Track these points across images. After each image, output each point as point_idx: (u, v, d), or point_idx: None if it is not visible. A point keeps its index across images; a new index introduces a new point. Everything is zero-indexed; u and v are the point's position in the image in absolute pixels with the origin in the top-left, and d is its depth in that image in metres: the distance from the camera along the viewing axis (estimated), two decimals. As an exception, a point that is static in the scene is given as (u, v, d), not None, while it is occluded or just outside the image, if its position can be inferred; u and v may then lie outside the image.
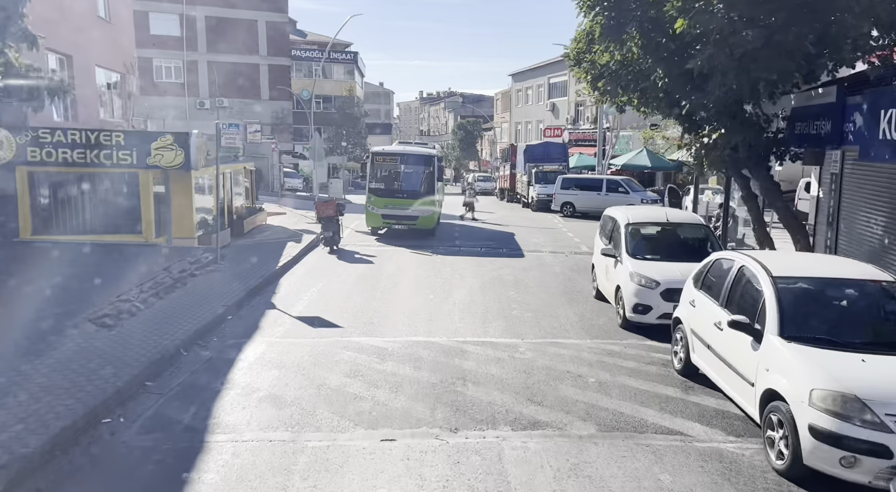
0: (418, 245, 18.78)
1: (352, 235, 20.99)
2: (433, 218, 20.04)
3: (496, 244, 19.56)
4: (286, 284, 13.16)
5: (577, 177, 30.22)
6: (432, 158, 20.08)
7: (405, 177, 20.20)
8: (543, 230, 23.54)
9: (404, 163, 20.10)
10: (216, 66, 41.07)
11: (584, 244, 19.70)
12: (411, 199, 19.79)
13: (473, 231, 23.15)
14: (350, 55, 69.94)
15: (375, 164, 20.03)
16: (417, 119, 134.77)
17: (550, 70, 50.09)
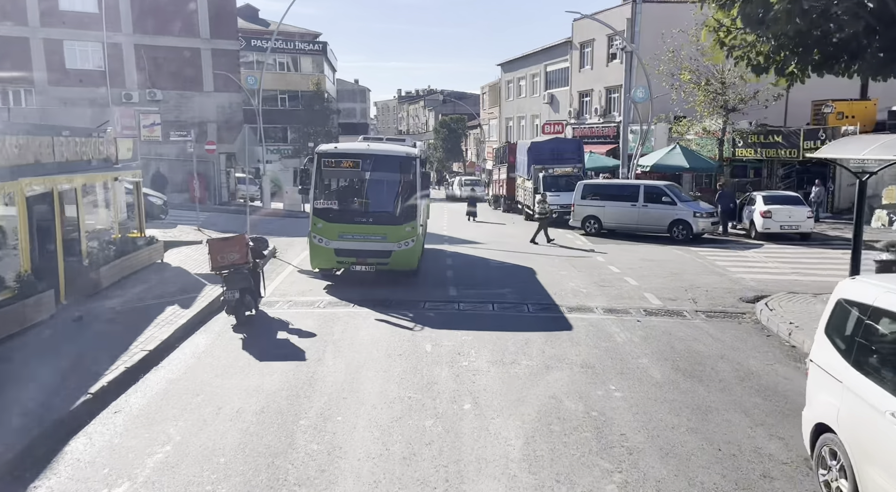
0: (392, 301, 11.68)
1: (292, 279, 13.76)
2: (414, 253, 12.94)
3: (515, 293, 12.52)
4: (66, 464, 5.88)
5: (602, 183, 23.32)
6: (411, 161, 12.98)
7: (371, 190, 13.09)
8: (571, 260, 16.53)
9: (370, 168, 12.97)
10: (146, 51, 33.53)
11: (646, 289, 12.74)
12: (381, 224, 12.72)
13: (474, 264, 16.07)
14: (318, 46, 62.76)
15: (324, 171, 12.87)
16: (396, 118, 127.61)
17: (547, 56, 43.31)
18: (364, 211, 12.88)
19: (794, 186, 26.63)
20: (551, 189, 25.41)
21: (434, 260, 16.40)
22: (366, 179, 13.15)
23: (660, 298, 12.08)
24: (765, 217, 19.52)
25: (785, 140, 24.31)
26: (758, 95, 24.91)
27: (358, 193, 13.22)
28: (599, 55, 36.68)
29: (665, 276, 14.39)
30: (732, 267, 15.42)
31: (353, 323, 10.12)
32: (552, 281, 13.72)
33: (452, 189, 48.84)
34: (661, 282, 13.66)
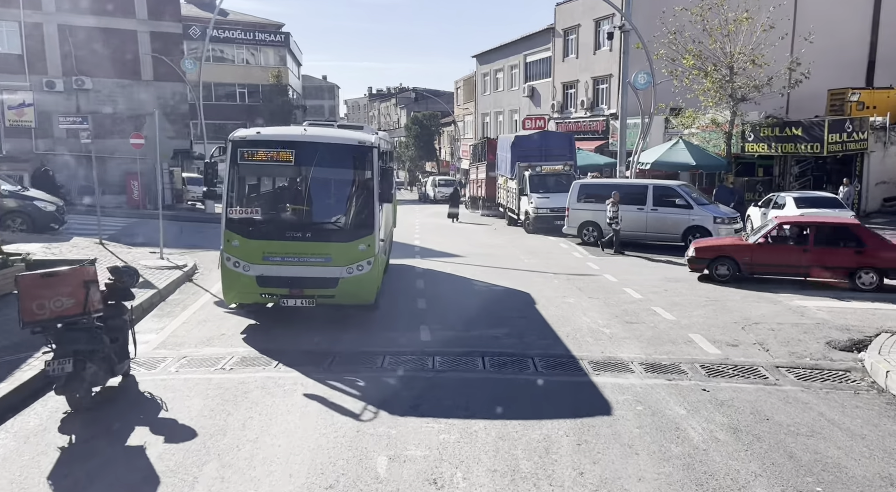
0: (336, 355, 8.02)
1: (202, 316, 9.96)
2: (371, 280, 9.25)
3: (512, 337, 8.93)
4: None
5: (603, 183, 19.89)
6: (367, 153, 9.24)
7: (310, 193, 9.36)
8: (575, 281, 13.04)
9: (309, 162, 9.22)
10: (72, 33, 29.19)
11: (688, 326, 9.29)
12: (324, 241, 9.05)
13: (454, 288, 12.45)
14: (281, 37, 58.62)
15: (242, 166, 9.08)
16: (367, 117, 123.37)
17: (527, 45, 39.93)
18: (300, 222, 9.16)
19: (811, 186, 23.64)
20: (539, 190, 22.04)
21: (401, 282, 12.75)
22: (303, 178, 9.42)
23: (714, 343, 8.63)
24: (799, 223, 16.27)
25: (806, 133, 21.26)
26: (772, 82, 21.85)
27: (291, 198, 9.49)
28: (585, 42, 33.41)
29: (702, 303, 10.98)
30: (782, 289, 12.08)
31: (267, 405, 6.42)
32: (559, 314, 10.17)
33: (425, 190, 45.26)
34: (702, 314, 10.24)
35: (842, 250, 12.06)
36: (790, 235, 12.75)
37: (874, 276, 11.91)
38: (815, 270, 12.17)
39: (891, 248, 12.00)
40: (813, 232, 12.33)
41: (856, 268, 11.97)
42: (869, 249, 11.94)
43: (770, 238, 12.73)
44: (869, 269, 11.92)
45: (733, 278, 12.69)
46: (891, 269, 11.87)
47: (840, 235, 12.34)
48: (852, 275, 12.01)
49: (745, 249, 12.76)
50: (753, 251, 12.61)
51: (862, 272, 11.96)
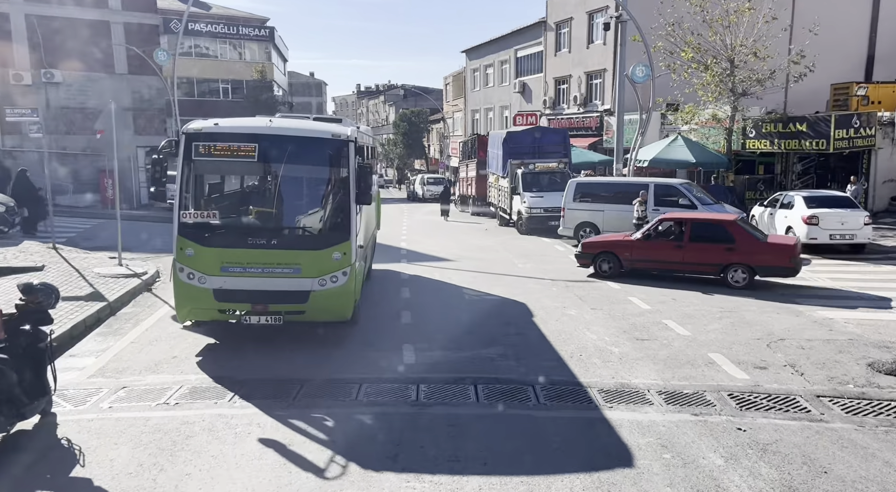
0: (303, 385, 6.86)
1: (155, 333, 8.74)
2: (346, 294, 8.06)
3: (509, 358, 7.81)
4: None
5: (601, 181, 18.78)
6: (342, 147, 8.03)
7: (276, 194, 8.18)
8: (575, 289, 11.93)
9: (274, 158, 8.04)
10: (40, 23, 27.70)
11: (706, 344, 8.21)
12: (292, 248, 7.86)
13: (442, 298, 11.30)
14: (265, 32, 57.14)
15: (197, 162, 7.87)
16: (355, 114, 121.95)
17: (518, 40, 38.78)
18: (264, 228, 7.97)
19: (814, 184, 22.70)
20: (532, 189, 20.93)
21: (385, 291, 11.58)
22: (268, 176, 8.24)
23: (738, 364, 7.54)
24: (809, 224, 15.29)
25: (811, 129, 20.28)
26: (775, 76, 20.89)
27: (254, 199, 8.32)
28: (578, 36, 32.32)
29: (717, 315, 9.91)
30: (801, 299, 11.04)
31: (212, 455, 5.24)
32: (561, 330, 9.04)
33: (414, 188, 44.05)
34: (719, 328, 9.15)
35: (714, 247, 12.09)
36: (668, 231, 12.78)
37: (744, 273, 11.91)
38: (690, 266, 12.36)
39: (759, 246, 12.00)
40: (688, 229, 12.41)
41: (726, 264, 12.00)
42: (739, 247, 11.92)
43: (650, 235, 12.82)
44: (739, 266, 11.94)
45: (618, 274, 12.81)
46: (759, 266, 11.86)
47: (713, 232, 12.35)
48: (724, 271, 12.02)
49: (626, 246, 12.95)
50: (634, 247, 12.84)
51: (732, 269, 11.99)
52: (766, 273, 11.92)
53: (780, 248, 11.99)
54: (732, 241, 11.99)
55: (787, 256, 11.73)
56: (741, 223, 12.46)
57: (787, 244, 12.06)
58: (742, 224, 12.48)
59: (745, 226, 12.53)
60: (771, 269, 11.88)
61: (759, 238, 12.27)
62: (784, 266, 11.75)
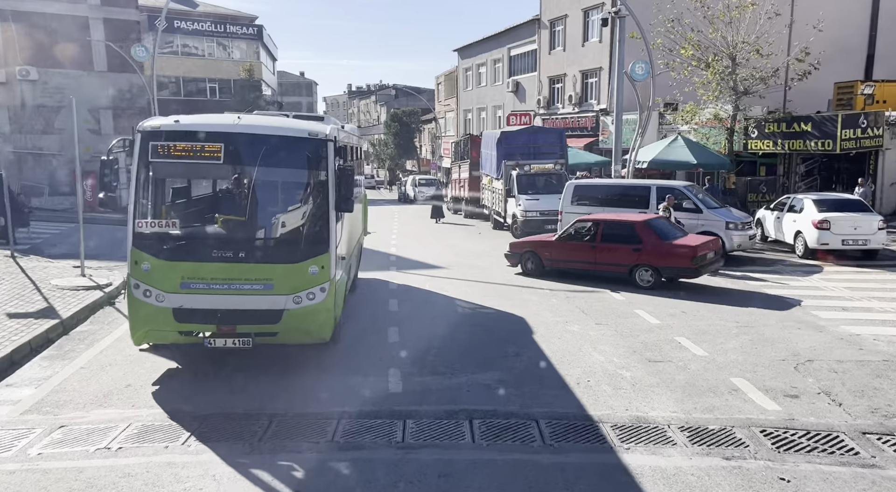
0: (274, 420, 5.95)
1: (110, 356, 7.79)
2: (325, 312, 7.14)
3: (508, 386, 6.92)
4: None
5: (600, 183, 17.92)
6: (319, 147, 7.09)
7: (244, 200, 7.25)
8: (577, 300, 11.06)
9: (241, 160, 7.15)
10: (15, 18, 26.60)
11: (727, 367, 7.36)
12: (262, 262, 6.96)
13: (433, 313, 10.38)
14: (253, 30, 56.08)
15: (155, 165, 6.94)
16: (346, 115, 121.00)
17: (511, 38, 37.96)
18: (230, 238, 7.04)
19: (817, 186, 22.01)
20: (527, 191, 20.08)
21: (370, 303, 10.68)
22: (235, 180, 7.33)
23: (767, 392, 6.69)
24: (820, 228, 14.51)
25: (816, 129, 19.55)
26: (779, 73, 20.16)
27: (219, 206, 7.40)
28: (573, 33, 31.52)
29: (734, 331, 9.07)
30: (822, 311, 10.22)
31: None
32: (564, 349, 8.17)
33: (405, 189, 43.13)
34: (738, 346, 8.31)
35: (623, 248, 12.23)
36: (584, 232, 12.99)
37: (650, 273, 11.93)
38: (602, 266, 12.49)
39: (663, 247, 11.93)
40: (601, 230, 12.62)
41: (633, 265, 12.08)
42: (645, 248, 11.98)
43: (568, 235, 13.14)
44: (645, 266, 12.01)
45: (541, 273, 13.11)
46: (662, 267, 11.85)
47: (623, 233, 12.45)
48: (632, 272, 12.09)
49: (546, 246, 13.35)
50: (553, 247, 13.20)
51: (638, 270, 12.06)
52: (668, 274, 11.86)
53: (682, 249, 11.79)
54: (640, 242, 12.03)
55: (688, 259, 11.60)
56: (651, 224, 12.41)
57: (689, 245, 11.83)
58: (651, 225, 12.39)
59: (655, 227, 12.36)
60: (673, 270, 11.81)
61: (665, 239, 12.04)
62: (685, 268, 11.67)
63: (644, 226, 12.29)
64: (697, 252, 11.61)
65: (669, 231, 12.51)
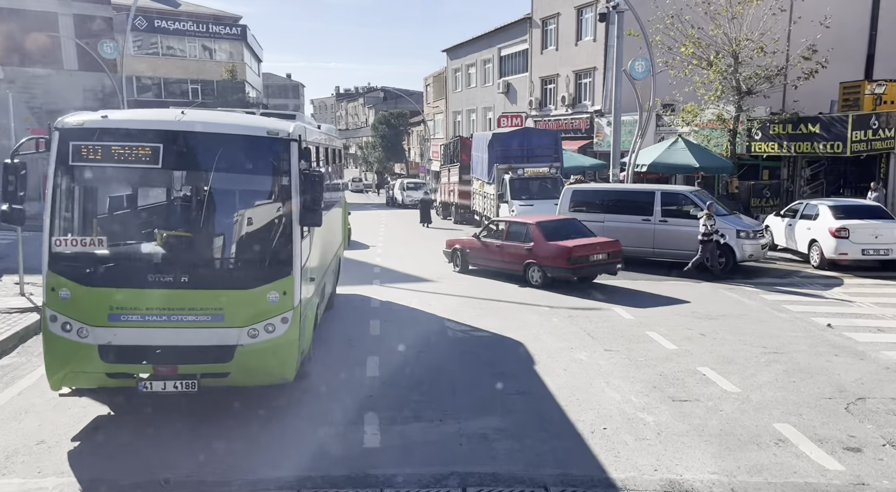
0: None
1: (28, 400, 6.50)
2: (288, 346, 5.94)
3: (509, 436, 5.73)
4: None
5: (600, 188, 16.78)
6: (280, 149, 5.87)
7: (190, 211, 6.03)
8: (580, 319, 9.89)
9: (185, 164, 5.94)
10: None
11: (764, 407, 6.21)
12: (209, 287, 5.73)
13: (420, 336, 9.14)
14: (237, 30, 54.75)
15: (78, 169, 5.72)
16: (334, 117, 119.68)
17: (502, 37, 36.89)
18: (171, 259, 5.79)
19: (823, 191, 21.04)
20: (521, 196, 19.00)
21: (348, 325, 9.45)
22: (177, 189, 6.07)
23: (821, 444, 5.54)
24: (838, 237, 13.47)
25: (825, 130, 18.56)
26: (784, 72, 19.19)
27: (157, 219, 6.15)
28: (566, 32, 30.49)
29: (763, 358, 7.93)
30: (856, 333, 9.12)
31: None
32: (573, 384, 6.99)
33: (393, 193, 41.90)
34: (773, 379, 7.17)
35: (519, 247, 12.72)
36: (496, 232, 13.66)
37: (539, 273, 12.33)
38: (506, 265, 13.07)
39: (548, 248, 12.24)
40: (505, 230, 13.32)
41: (526, 264, 12.54)
42: (534, 248, 12.39)
43: (484, 234, 13.93)
44: (535, 266, 12.41)
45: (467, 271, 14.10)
46: (548, 267, 12.20)
47: (521, 232, 12.88)
48: (525, 270, 12.59)
49: (468, 244, 14.13)
50: (473, 247, 13.92)
51: (530, 268, 12.50)
52: (552, 273, 12.18)
53: (559, 249, 12.09)
54: (531, 241, 12.47)
55: (564, 259, 11.97)
56: (541, 225, 12.79)
57: (566, 246, 12.10)
58: (541, 225, 12.71)
59: (545, 227, 12.69)
60: (554, 269, 12.15)
61: (550, 240, 12.32)
62: (563, 267, 12.02)
63: (535, 226, 12.68)
64: (573, 253, 11.94)
65: (564, 232, 12.74)
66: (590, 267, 12.26)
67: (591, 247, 12.24)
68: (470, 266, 13.96)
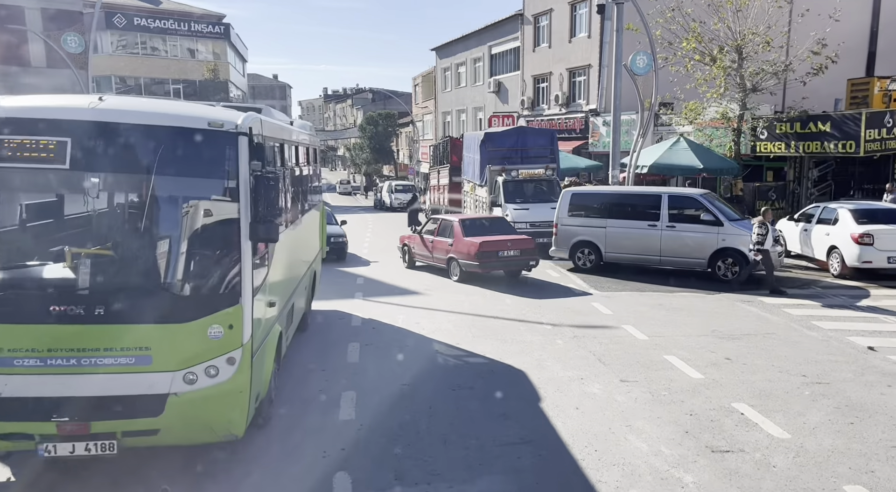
0: None
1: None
2: (235, 394, 4.73)
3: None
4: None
5: (602, 191, 15.55)
6: (224, 145, 4.70)
7: (105, 222, 4.80)
8: (587, 340, 8.70)
9: (100, 164, 4.68)
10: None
11: (818, 458, 5.03)
12: (129, 322, 4.45)
13: (406, 362, 7.92)
14: (220, 28, 53.32)
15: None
16: (322, 119, 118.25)
17: (493, 35, 35.75)
18: (80, 285, 4.51)
19: (832, 193, 20.06)
20: (515, 200, 17.78)
21: (322, 350, 8.21)
22: (89, 194, 4.80)
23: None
24: (862, 244, 12.40)
25: (836, 129, 17.54)
26: (791, 68, 18.18)
27: (64, 235, 4.88)
28: (559, 29, 29.40)
29: (809, 394, 6.78)
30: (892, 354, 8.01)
31: None
32: (588, 429, 5.79)
33: (381, 196, 40.64)
34: (827, 421, 6.01)
35: (445, 242, 13.53)
36: (432, 229, 14.23)
37: (456, 267, 13.12)
38: (436, 259, 13.87)
39: (463, 244, 12.89)
40: (439, 225, 13.98)
41: (448, 258, 13.36)
42: (454, 243, 13.17)
43: (423, 231, 14.57)
44: (454, 260, 13.15)
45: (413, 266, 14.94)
46: (463, 262, 12.89)
47: (447, 228, 13.64)
48: (448, 264, 13.41)
49: (412, 240, 14.99)
50: (415, 242, 14.77)
51: (451, 263, 13.28)
52: (465, 268, 12.86)
53: (469, 245, 12.76)
54: (453, 237, 13.20)
55: (473, 254, 12.63)
56: (464, 221, 13.67)
57: (474, 242, 12.69)
58: (463, 222, 13.54)
59: (465, 223, 13.43)
60: (467, 264, 12.83)
61: (465, 236, 12.91)
62: (472, 262, 12.66)
63: (458, 223, 13.39)
64: (481, 248, 12.53)
65: (485, 229, 13.34)
66: (499, 262, 12.75)
67: (501, 243, 12.76)
68: (416, 263, 14.79)
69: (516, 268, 13.06)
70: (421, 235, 14.42)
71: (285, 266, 6.55)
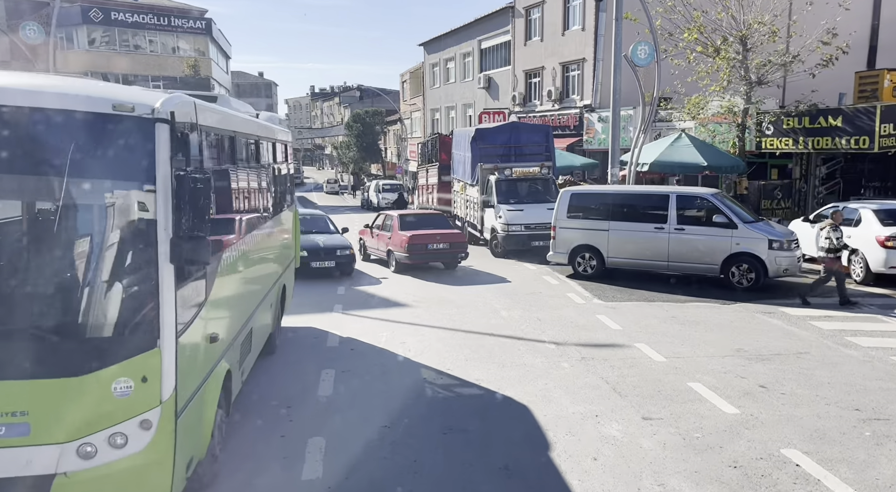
0: None
1: None
2: (153, 470, 3.53)
3: None
4: None
5: (603, 191, 14.33)
6: (137, 136, 3.53)
7: None
8: (595, 364, 7.56)
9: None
10: None
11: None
12: (5, 377, 3.17)
13: (389, 395, 6.73)
14: (201, 24, 51.84)
15: None
16: (309, 117, 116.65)
17: (482, 29, 34.56)
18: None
19: (840, 192, 19.09)
20: (509, 200, 16.65)
21: (289, 380, 7.01)
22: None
23: None
24: (888, 248, 11.37)
25: (848, 124, 16.54)
26: (799, 59, 17.17)
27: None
28: (552, 21, 28.27)
29: (870, 434, 5.69)
30: (963, 381, 6.93)
31: None
32: (607, 488, 4.65)
33: (368, 196, 39.39)
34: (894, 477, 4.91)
35: (385, 236, 14.51)
36: (380, 224, 15.12)
37: (393, 258, 14.10)
38: (378, 252, 14.98)
39: (397, 237, 13.82)
40: (382, 222, 14.99)
41: (388, 251, 14.33)
42: (392, 236, 14.07)
43: (372, 225, 15.46)
44: (392, 252, 14.14)
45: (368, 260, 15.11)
46: (398, 254, 13.81)
47: (388, 223, 14.56)
48: (388, 255, 14.37)
49: (364, 235, 16.01)
50: (366, 236, 15.79)
51: (391, 255, 14.21)
52: (399, 259, 13.81)
53: (400, 238, 13.73)
54: (391, 230, 14.16)
55: (404, 246, 13.53)
56: (403, 215, 14.67)
57: (405, 236, 13.64)
58: (402, 216, 14.55)
59: (403, 218, 14.38)
60: (400, 255, 13.75)
61: (401, 229, 13.82)
62: (403, 254, 13.62)
63: (397, 217, 14.40)
64: (410, 241, 13.50)
65: (421, 224, 14.19)
66: (428, 254, 13.74)
67: (430, 237, 13.69)
68: (371, 256, 15.64)
69: (446, 259, 14.16)
70: (371, 229, 15.36)
71: (240, 284, 5.36)
